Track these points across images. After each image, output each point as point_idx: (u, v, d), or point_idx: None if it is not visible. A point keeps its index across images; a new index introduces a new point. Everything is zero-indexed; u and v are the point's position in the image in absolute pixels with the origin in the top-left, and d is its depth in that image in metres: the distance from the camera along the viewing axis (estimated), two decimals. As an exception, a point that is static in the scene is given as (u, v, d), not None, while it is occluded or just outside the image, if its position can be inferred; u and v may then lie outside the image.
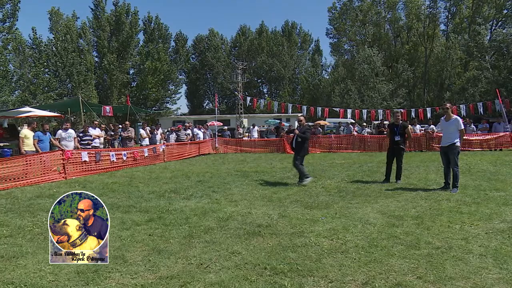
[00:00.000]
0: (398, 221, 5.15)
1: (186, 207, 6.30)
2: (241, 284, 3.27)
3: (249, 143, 20.28)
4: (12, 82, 30.02)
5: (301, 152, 8.76)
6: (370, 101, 37.10)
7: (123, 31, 40.90)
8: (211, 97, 56.31)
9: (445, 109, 7.69)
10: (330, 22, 49.19)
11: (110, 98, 39.63)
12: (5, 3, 26.98)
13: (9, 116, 20.34)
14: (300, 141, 8.70)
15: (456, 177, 7.25)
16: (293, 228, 4.94)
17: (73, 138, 11.58)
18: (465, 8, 41.22)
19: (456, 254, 3.87)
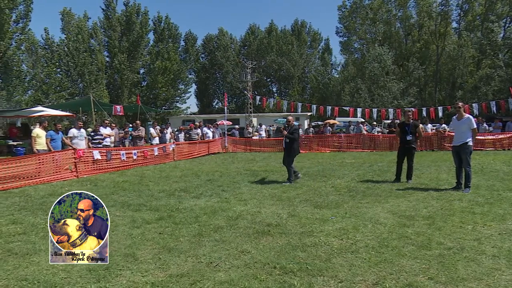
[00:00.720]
0: (409, 221, 5.10)
1: (195, 206, 6.33)
2: (251, 283, 3.27)
3: (258, 142, 20.29)
4: (25, 82, 30.55)
5: (291, 153, 8.72)
6: (380, 100, 36.76)
7: (134, 31, 41.21)
8: (220, 96, 56.40)
9: (457, 108, 7.59)
10: (340, 21, 48.85)
11: (120, 98, 39.97)
12: (19, 4, 27.39)
13: (22, 115, 20.72)
14: (288, 142, 8.69)
15: (469, 177, 7.15)
16: (303, 227, 4.93)
17: (84, 138, 11.74)
18: (478, 5, 40.52)
19: (469, 255, 3.82)
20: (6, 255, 4.09)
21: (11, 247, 4.34)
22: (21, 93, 29.13)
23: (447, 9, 40.66)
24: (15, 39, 28.27)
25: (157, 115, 41.57)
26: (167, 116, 42.46)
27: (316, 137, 19.44)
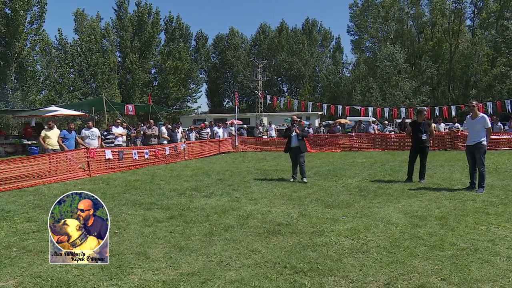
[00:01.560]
0: (421, 221, 5.04)
1: (206, 205, 6.35)
2: (261, 282, 3.27)
3: (269, 142, 20.26)
4: (39, 82, 31.04)
5: (305, 151, 9.08)
6: (392, 99, 36.41)
7: (145, 31, 41.59)
8: (231, 95, 56.52)
9: (471, 106, 7.46)
10: (351, 19, 48.64)
11: (132, 97, 40.38)
12: (33, 6, 27.84)
13: (37, 115, 21.07)
14: (301, 139, 8.96)
15: (482, 177, 7.04)
16: (313, 227, 4.91)
17: (96, 137, 11.84)
18: (493, 2, 39.85)
19: (482, 256, 3.75)
20: (21, 252, 4.16)
21: (25, 244, 4.42)
22: (35, 93, 29.60)
23: (461, 6, 40.06)
24: (29, 40, 28.73)
25: (168, 115, 41.88)
26: (178, 116, 42.76)
27: (327, 137, 19.35)
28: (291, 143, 8.97)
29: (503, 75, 35.10)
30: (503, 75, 35.10)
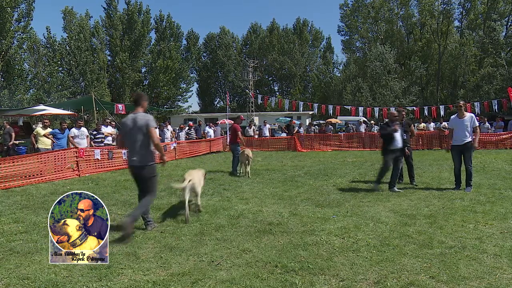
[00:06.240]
0: (410, 220, 5.10)
1: (197, 204, 6.32)
2: (252, 281, 3.27)
3: (260, 141, 20.24)
4: (27, 80, 30.55)
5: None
6: (382, 99, 36.69)
7: (135, 29, 41.25)
8: (222, 95, 56.39)
9: (459, 106, 7.54)
10: (342, 19, 48.83)
11: (122, 96, 40.03)
12: (20, 3, 27.39)
13: (24, 114, 20.73)
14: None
15: (470, 175, 7.13)
16: (304, 226, 4.93)
17: (85, 136, 11.71)
18: (480, 4, 40.39)
19: (470, 253, 3.81)
20: (7, 254, 4.09)
21: (12, 246, 4.35)
22: (23, 92, 29.12)
23: (449, 7, 40.51)
24: (17, 37, 28.25)
25: (158, 114, 41.63)
26: (168, 115, 42.53)
27: (318, 136, 19.44)
28: (394, 144, 7.40)
29: (490, 76, 35.59)
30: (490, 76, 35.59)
